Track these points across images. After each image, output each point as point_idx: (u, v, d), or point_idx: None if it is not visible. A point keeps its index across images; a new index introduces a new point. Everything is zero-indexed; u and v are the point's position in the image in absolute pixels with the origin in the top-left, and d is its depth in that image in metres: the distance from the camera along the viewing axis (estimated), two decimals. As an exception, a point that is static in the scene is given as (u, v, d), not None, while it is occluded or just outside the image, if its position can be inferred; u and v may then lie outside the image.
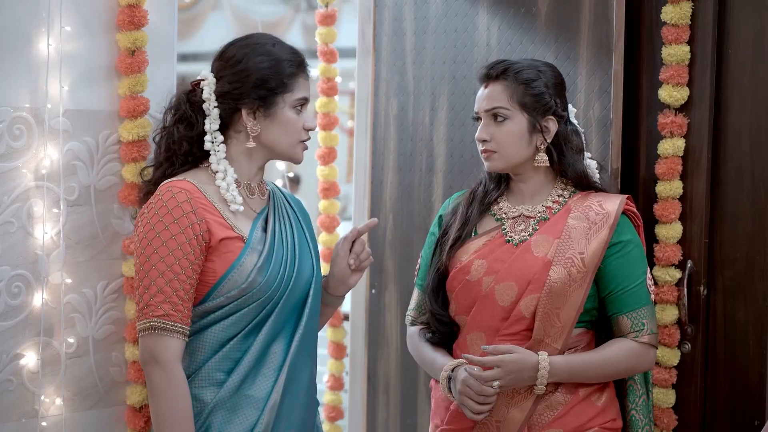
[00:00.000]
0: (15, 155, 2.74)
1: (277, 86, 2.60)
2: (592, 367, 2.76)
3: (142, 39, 2.88)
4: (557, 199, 2.84)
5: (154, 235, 2.52)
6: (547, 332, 2.73)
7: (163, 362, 2.49)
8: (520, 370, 2.69)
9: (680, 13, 3.09)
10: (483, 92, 2.82)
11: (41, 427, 2.82)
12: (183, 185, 2.56)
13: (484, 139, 2.80)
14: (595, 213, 2.78)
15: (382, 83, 3.88)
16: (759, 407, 3.05)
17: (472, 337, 2.81)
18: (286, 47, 2.66)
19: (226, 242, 2.56)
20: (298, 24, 9.65)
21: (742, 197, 3.10)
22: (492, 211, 2.88)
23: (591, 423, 2.77)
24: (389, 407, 3.88)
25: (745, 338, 3.09)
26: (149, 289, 2.51)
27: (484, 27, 3.53)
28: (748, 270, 3.08)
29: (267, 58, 2.61)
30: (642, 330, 2.78)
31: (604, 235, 2.76)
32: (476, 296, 2.79)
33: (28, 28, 2.76)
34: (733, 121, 3.11)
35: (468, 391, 2.69)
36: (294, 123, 2.63)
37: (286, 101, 2.61)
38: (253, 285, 2.56)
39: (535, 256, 2.76)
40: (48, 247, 2.81)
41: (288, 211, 2.74)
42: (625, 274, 2.78)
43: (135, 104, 2.88)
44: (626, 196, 2.85)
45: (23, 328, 2.78)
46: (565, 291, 2.73)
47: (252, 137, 2.62)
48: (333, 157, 4.15)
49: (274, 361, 2.61)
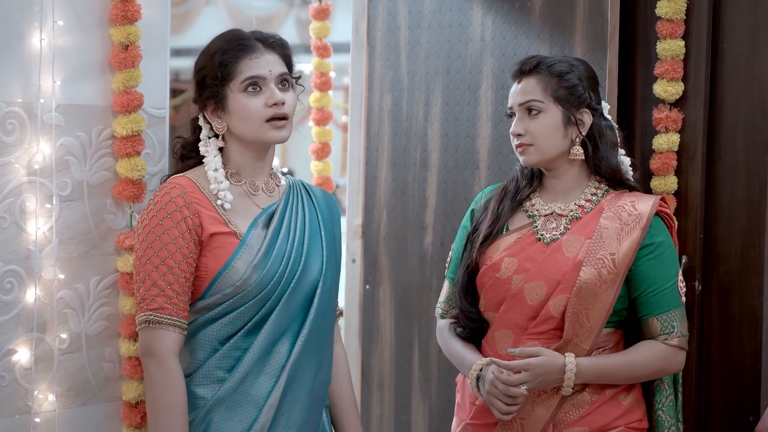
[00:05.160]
0: (7, 150, 2.73)
1: (215, 78, 2.59)
2: (620, 370, 2.74)
3: (136, 33, 2.87)
4: (590, 198, 2.81)
5: (149, 230, 2.54)
6: (576, 332, 2.71)
7: (159, 355, 2.50)
8: (547, 373, 2.68)
9: (675, 8, 3.09)
10: (516, 87, 2.80)
11: (34, 423, 2.81)
12: (180, 181, 2.58)
13: (518, 133, 2.77)
14: (627, 214, 2.75)
15: (376, 78, 3.87)
16: (754, 403, 3.05)
17: (500, 335, 2.79)
18: (226, 37, 2.63)
19: (218, 237, 2.56)
20: (292, 19, 9.65)
21: (736, 192, 3.10)
22: (524, 207, 2.85)
23: (617, 422, 2.76)
24: (383, 403, 3.87)
25: (740, 333, 3.09)
26: (144, 283, 2.52)
27: (479, 22, 3.52)
28: (743, 265, 3.08)
29: (202, 57, 2.63)
30: (672, 332, 2.75)
31: (636, 237, 2.73)
32: (505, 294, 2.77)
33: (21, 22, 2.75)
34: (728, 116, 3.11)
35: (495, 391, 2.69)
36: (246, 107, 2.59)
37: (233, 88, 2.59)
38: (248, 283, 2.55)
39: (566, 257, 2.74)
40: (41, 242, 2.80)
41: (305, 207, 2.71)
42: (657, 275, 2.75)
43: (128, 99, 2.87)
44: (659, 196, 2.82)
45: (16, 324, 2.77)
46: (595, 292, 2.71)
47: (222, 136, 2.63)
48: (327, 152, 4.15)
49: (277, 360, 2.60)
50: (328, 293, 2.69)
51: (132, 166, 2.87)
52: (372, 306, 3.91)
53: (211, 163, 2.62)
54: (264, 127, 2.60)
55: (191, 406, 2.56)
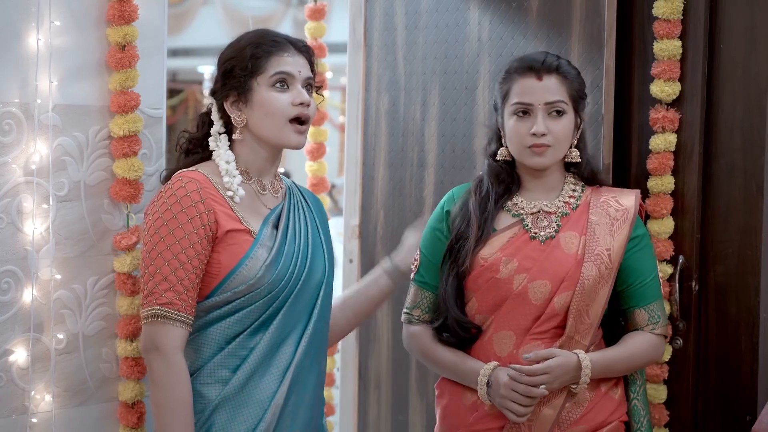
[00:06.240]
0: (4, 150, 2.73)
1: (243, 71, 2.59)
2: (621, 362, 2.79)
3: (133, 34, 2.87)
4: (572, 194, 2.83)
5: (162, 224, 2.51)
6: (578, 329, 2.73)
7: (165, 350, 2.49)
8: (566, 372, 2.69)
9: (672, 8, 3.09)
10: (536, 84, 2.75)
11: (31, 424, 2.81)
12: (194, 175, 2.56)
13: (544, 133, 2.74)
14: (614, 209, 2.79)
15: (373, 78, 3.87)
16: (751, 403, 3.05)
17: (500, 337, 2.77)
18: (257, 34, 2.65)
19: (233, 234, 2.55)
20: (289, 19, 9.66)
21: (733, 193, 3.10)
22: (506, 207, 2.84)
23: (612, 417, 2.79)
24: (380, 403, 3.87)
25: (737, 334, 3.10)
26: (154, 277, 2.50)
27: (476, 22, 3.52)
28: (740, 265, 3.08)
29: (231, 49, 2.63)
30: (658, 322, 2.81)
31: (626, 232, 2.77)
32: (506, 295, 2.76)
33: (17, 23, 2.75)
34: (725, 116, 3.11)
35: (513, 395, 2.68)
36: (273, 101, 2.59)
37: (260, 82, 2.59)
38: (261, 281, 2.55)
39: (566, 254, 2.75)
40: (38, 242, 2.79)
41: (304, 209, 2.72)
42: (643, 267, 2.80)
43: (125, 99, 2.87)
44: (638, 191, 2.86)
45: (13, 324, 2.77)
46: (595, 288, 2.73)
47: (240, 129, 2.61)
48: (322, 152, 4.15)
49: (282, 360, 2.59)
50: (329, 294, 2.70)
51: (129, 167, 2.87)
52: (369, 306, 3.90)
53: (223, 156, 2.61)
54: (287, 127, 2.60)
55: (193, 407, 2.54)
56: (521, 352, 2.72)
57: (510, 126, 2.78)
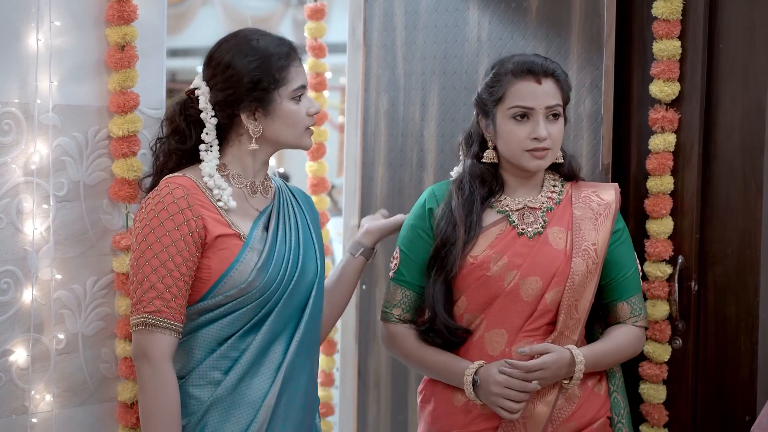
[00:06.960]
0: (4, 151, 2.73)
1: (270, 83, 2.57)
2: (608, 356, 2.81)
3: (132, 34, 2.87)
4: (553, 189, 2.85)
5: (149, 231, 2.51)
6: (567, 325, 2.75)
7: (153, 359, 2.49)
8: (560, 367, 2.71)
9: (671, 8, 3.09)
10: (537, 87, 2.75)
11: (31, 424, 2.81)
12: (181, 181, 2.55)
13: (545, 137, 2.74)
14: (596, 204, 2.82)
15: (373, 78, 3.87)
16: (750, 403, 3.05)
17: (492, 335, 2.77)
18: (272, 39, 2.62)
19: (222, 239, 2.55)
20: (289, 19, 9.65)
21: (733, 193, 3.10)
22: (491, 204, 2.83)
23: (599, 413, 2.81)
24: (380, 403, 3.87)
25: (736, 334, 3.09)
26: (142, 285, 2.50)
27: (475, 22, 3.52)
28: (739, 265, 3.08)
29: (254, 57, 2.57)
30: (640, 315, 2.85)
31: (608, 226, 2.80)
32: (497, 292, 2.75)
33: (17, 23, 2.75)
34: (724, 116, 3.11)
35: (506, 391, 2.68)
36: (296, 114, 2.60)
37: (283, 95, 2.59)
38: (253, 285, 2.54)
39: (555, 249, 2.76)
40: (37, 243, 2.79)
41: (294, 209, 2.71)
42: (625, 261, 2.84)
43: (125, 99, 2.87)
44: (616, 185, 2.91)
45: (12, 325, 2.77)
46: (584, 282, 2.76)
47: (255, 139, 2.60)
48: (322, 152, 4.14)
49: (273, 361, 2.59)
50: (321, 293, 2.70)
51: (128, 167, 2.87)
52: (369, 306, 3.91)
53: (206, 169, 2.58)
54: (305, 134, 2.64)
55: (186, 409, 2.55)
56: (514, 349, 2.72)
57: (507, 129, 2.77)
